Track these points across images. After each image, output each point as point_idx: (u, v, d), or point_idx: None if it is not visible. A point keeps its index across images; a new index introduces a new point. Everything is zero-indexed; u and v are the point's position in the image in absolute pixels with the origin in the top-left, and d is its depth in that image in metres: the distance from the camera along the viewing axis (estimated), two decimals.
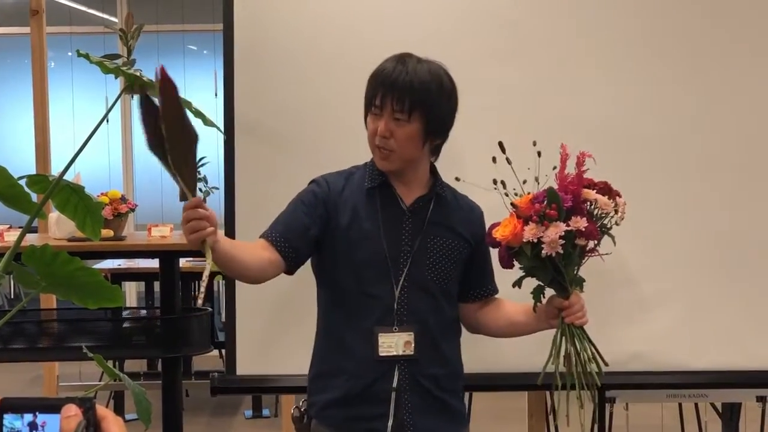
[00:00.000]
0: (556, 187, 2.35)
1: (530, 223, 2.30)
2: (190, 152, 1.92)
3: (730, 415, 3.83)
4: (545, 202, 2.31)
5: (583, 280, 2.43)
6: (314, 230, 2.42)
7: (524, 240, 2.30)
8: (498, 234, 2.34)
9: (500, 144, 2.42)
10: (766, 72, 3.12)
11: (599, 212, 2.37)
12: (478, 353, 2.88)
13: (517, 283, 2.43)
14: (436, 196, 2.50)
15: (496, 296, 2.65)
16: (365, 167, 2.52)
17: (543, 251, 2.27)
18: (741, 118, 3.11)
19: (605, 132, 3.07)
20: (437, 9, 3.11)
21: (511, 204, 2.35)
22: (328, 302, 2.49)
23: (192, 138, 1.87)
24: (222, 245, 2.19)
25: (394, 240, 2.44)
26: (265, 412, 6.08)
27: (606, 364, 2.44)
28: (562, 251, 2.28)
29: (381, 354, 2.41)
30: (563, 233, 2.26)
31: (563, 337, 2.42)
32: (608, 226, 2.42)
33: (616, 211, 2.41)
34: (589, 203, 2.36)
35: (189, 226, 2.11)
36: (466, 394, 3.16)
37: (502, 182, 2.38)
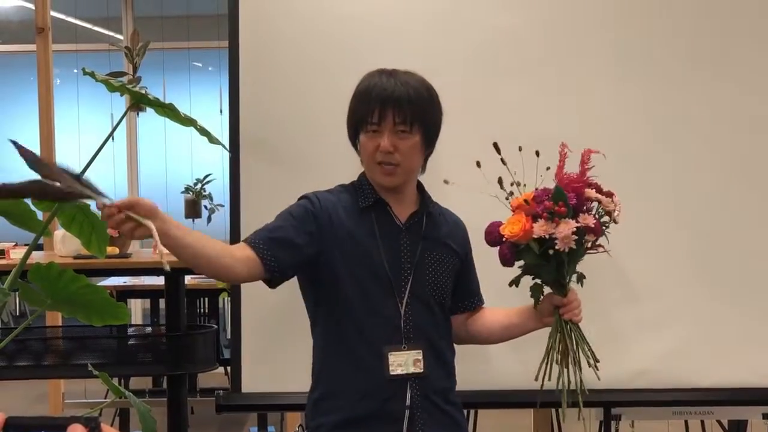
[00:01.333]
0: (552, 186, 2.39)
1: (539, 220, 2.33)
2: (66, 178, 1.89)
3: None
4: (551, 200, 2.34)
5: (584, 276, 2.47)
6: (302, 244, 2.38)
7: (534, 236, 2.33)
8: (507, 231, 2.36)
9: (495, 145, 2.45)
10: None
11: (600, 210, 2.41)
12: (483, 370, 2.88)
13: (515, 282, 2.46)
14: (428, 213, 2.52)
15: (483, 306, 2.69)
16: (354, 187, 2.52)
17: (556, 246, 2.31)
18: (748, 134, 3.11)
19: (605, 144, 3.06)
20: (448, 25, 3.11)
21: (524, 200, 2.37)
22: (331, 322, 2.47)
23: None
24: (171, 230, 2.09)
25: (394, 257, 2.44)
26: (271, 429, 6.06)
27: (597, 360, 2.46)
28: (574, 246, 2.31)
29: (392, 373, 2.41)
30: (575, 229, 2.30)
31: (558, 335, 2.45)
32: (607, 224, 2.45)
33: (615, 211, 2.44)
34: (590, 201, 2.40)
35: (112, 226, 1.96)
36: (472, 411, 3.15)
37: (500, 179, 2.43)
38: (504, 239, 2.39)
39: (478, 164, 2.44)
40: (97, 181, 1.77)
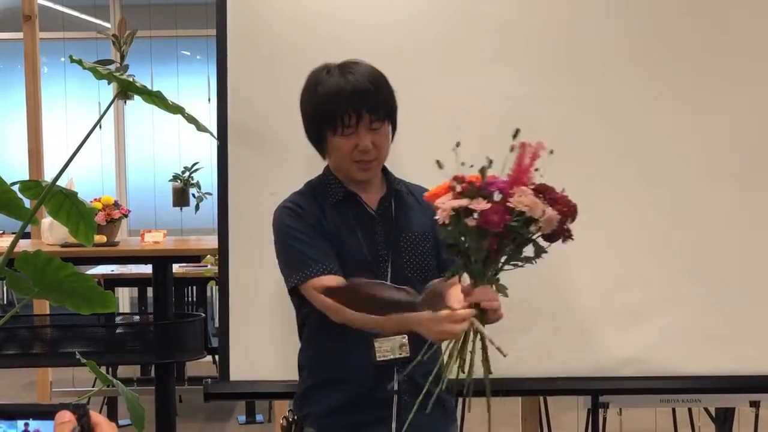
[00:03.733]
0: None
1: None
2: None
3: (724, 420, 3.83)
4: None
5: (505, 288, 2.18)
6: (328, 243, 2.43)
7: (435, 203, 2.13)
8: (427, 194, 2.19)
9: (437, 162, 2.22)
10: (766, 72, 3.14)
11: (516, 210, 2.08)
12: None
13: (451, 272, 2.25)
14: (396, 193, 2.53)
15: None
16: (321, 183, 2.53)
17: (436, 217, 2.11)
18: (736, 123, 3.12)
19: (595, 137, 3.07)
20: (429, 16, 3.11)
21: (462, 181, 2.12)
22: (316, 313, 2.45)
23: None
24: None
25: (372, 246, 2.45)
26: (259, 417, 6.07)
27: (490, 373, 2.21)
28: (447, 222, 2.08)
29: (379, 359, 2.42)
30: (457, 206, 2.06)
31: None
32: (526, 233, 2.12)
33: (535, 220, 2.08)
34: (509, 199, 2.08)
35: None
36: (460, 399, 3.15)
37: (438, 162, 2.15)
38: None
39: (439, 164, 2.14)
40: (85, 168, 1.77)
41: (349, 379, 2.44)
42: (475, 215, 2.04)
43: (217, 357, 3.51)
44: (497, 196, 2.09)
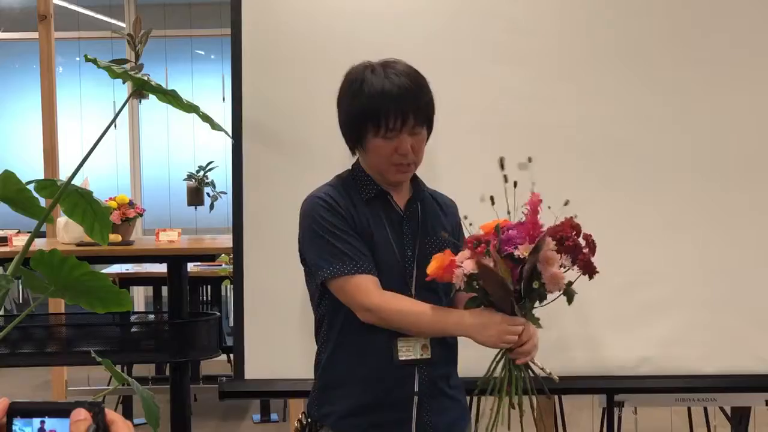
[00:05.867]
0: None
1: (465, 248, 2.24)
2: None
3: (740, 419, 3.82)
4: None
5: (538, 319, 2.30)
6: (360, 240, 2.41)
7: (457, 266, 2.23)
8: (430, 269, 2.28)
9: (501, 160, 2.34)
10: None
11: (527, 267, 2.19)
12: (484, 357, 2.87)
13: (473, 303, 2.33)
14: (422, 198, 2.51)
15: None
16: (352, 179, 2.49)
17: (453, 281, 2.23)
18: (746, 123, 3.11)
19: (607, 136, 3.07)
20: (440, 11, 3.11)
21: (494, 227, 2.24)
22: (340, 313, 2.43)
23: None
24: None
25: (400, 246, 2.44)
26: (274, 416, 6.07)
27: (520, 413, 2.32)
28: (463, 288, 2.22)
29: (401, 358, 2.41)
30: (468, 273, 2.19)
31: (501, 368, 2.31)
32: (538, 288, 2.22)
33: (542, 283, 2.19)
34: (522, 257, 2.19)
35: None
36: (474, 398, 3.15)
37: (491, 198, 2.28)
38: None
39: (492, 200, 2.26)
40: (100, 167, 1.77)
41: (372, 379, 2.42)
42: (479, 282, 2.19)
43: (231, 356, 3.51)
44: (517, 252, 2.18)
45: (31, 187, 1.59)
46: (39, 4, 5.00)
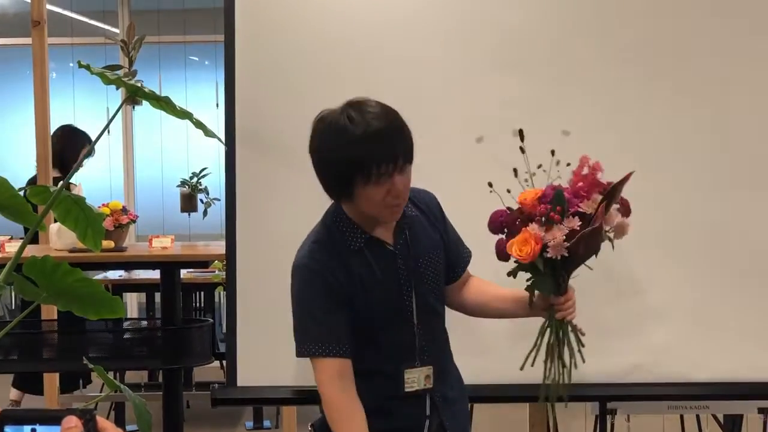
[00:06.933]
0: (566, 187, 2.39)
1: (532, 223, 2.32)
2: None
3: (732, 426, 3.82)
4: (550, 203, 2.32)
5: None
6: (345, 314, 2.38)
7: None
8: (515, 251, 2.34)
9: (520, 132, 2.43)
10: None
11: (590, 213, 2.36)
12: (480, 365, 2.88)
13: (513, 274, 2.45)
14: (403, 218, 2.44)
15: (478, 277, 2.69)
16: (337, 228, 2.41)
17: (548, 254, 2.30)
18: (753, 133, 3.11)
19: (609, 141, 3.07)
20: (434, 17, 3.11)
21: (533, 197, 2.36)
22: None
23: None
24: None
25: (395, 281, 2.43)
26: (267, 423, 6.06)
27: (583, 361, 2.50)
28: (567, 254, 2.29)
29: (407, 390, 2.43)
30: (564, 237, 2.28)
31: (549, 329, 2.46)
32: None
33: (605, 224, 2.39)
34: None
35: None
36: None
37: (515, 170, 2.42)
38: (506, 245, 2.39)
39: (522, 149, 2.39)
40: (93, 174, 1.77)
41: (387, 408, 2.44)
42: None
43: (224, 362, 3.50)
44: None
45: (23, 193, 1.59)
46: (32, 10, 4.99)
